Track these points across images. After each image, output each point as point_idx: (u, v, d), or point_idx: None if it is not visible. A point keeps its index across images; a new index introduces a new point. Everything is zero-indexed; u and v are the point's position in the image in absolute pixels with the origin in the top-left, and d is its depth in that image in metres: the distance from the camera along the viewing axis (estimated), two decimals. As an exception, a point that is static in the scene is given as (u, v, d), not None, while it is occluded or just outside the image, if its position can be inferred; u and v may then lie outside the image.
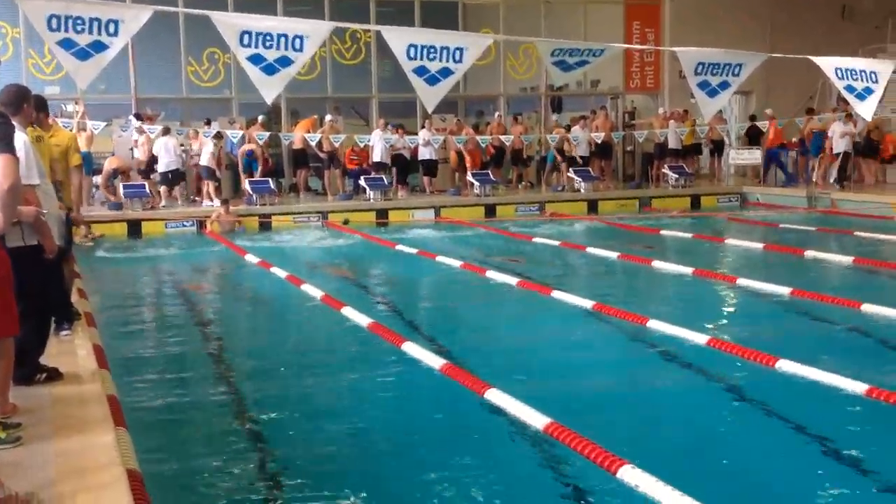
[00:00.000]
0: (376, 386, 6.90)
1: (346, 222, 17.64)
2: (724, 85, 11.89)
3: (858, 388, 6.22)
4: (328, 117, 19.69)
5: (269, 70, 8.76)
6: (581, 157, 20.59)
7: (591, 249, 13.59)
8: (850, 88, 11.63)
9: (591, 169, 20.60)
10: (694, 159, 22.05)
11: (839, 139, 19.44)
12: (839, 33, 22.37)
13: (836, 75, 11.80)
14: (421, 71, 9.40)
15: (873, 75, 11.48)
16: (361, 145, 19.34)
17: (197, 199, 18.73)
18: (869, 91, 11.47)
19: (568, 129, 21.01)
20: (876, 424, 5.86)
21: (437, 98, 9.80)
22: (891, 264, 11.58)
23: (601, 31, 21.84)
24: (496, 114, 21.61)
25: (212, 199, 17.97)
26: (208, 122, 18.91)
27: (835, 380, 6.43)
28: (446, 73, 9.53)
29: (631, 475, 4.70)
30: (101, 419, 5.09)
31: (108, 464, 4.42)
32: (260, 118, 19.47)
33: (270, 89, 8.94)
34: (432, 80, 9.52)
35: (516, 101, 23.95)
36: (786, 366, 6.83)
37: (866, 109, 11.81)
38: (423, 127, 20.03)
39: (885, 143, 20.44)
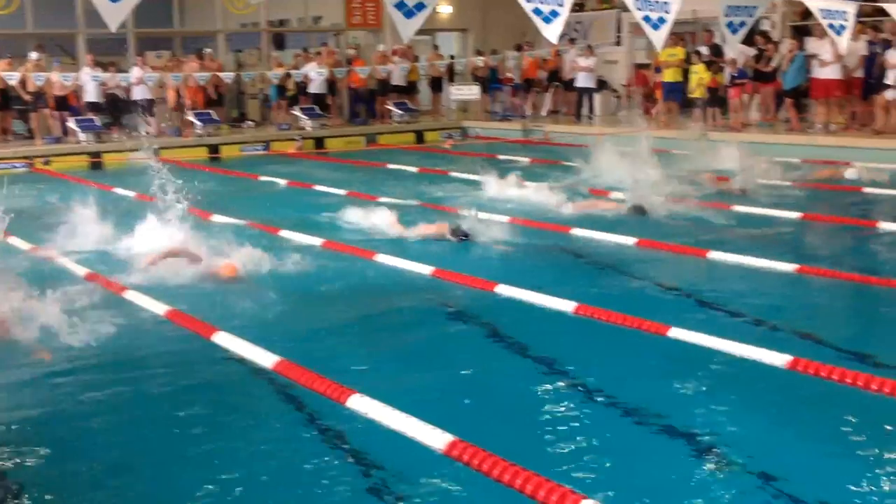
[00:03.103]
0: (98, 335, 6.53)
1: (47, 163, 16.63)
2: (420, 6, 12.05)
3: (568, 306, 6.70)
4: (33, 55, 18.17)
5: None
6: (315, 95, 20.46)
7: (319, 187, 13.61)
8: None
9: (315, 107, 20.49)
10: (417, 96, 22.52)
11: (579, 74, 20.49)
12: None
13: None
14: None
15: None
16: (68, 83, 18.02)
17: None
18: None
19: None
20: (584, 337, 6.34)
21: (121, 16, 9.20)
22: (596, 191, 12.46)
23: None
24: (206, 50, 20.79)
25: None
26: None
27: (548, 300, 6.88)
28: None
29: (359, 403, 4.82)
30: None
31: None
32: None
33: None
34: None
35: (237, 37, 23.24)
36: (504, 290, 7.23)
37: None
38: (135, 65, 18.98)
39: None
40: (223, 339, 6.15)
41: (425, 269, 7.99)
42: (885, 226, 9.62)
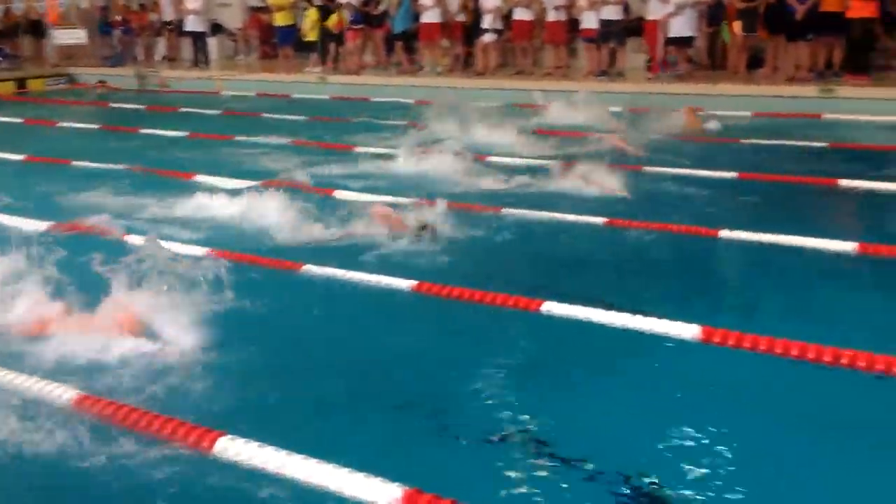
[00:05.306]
0: None
1: None
2: None
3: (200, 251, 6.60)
4: None
5: None
6: None
7: None
8: None
9: None
10: (19, 41, 20.61)
11: (188, 17, 19.59)
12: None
13: None
14: None
15: None
16: None
17: None
18: None
19: None
20: (239, 280, 6.21)
21: None
22: (216, 136, 12.25)
23: None
24: None
25: None
26: None
27: (184, 248, 6.67)
28: None
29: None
30: None
31: None
32: None
33: None
34: None
35: None
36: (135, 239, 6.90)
37: None
38: None
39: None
40: None
41: (37, 226, 7.44)
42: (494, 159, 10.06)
